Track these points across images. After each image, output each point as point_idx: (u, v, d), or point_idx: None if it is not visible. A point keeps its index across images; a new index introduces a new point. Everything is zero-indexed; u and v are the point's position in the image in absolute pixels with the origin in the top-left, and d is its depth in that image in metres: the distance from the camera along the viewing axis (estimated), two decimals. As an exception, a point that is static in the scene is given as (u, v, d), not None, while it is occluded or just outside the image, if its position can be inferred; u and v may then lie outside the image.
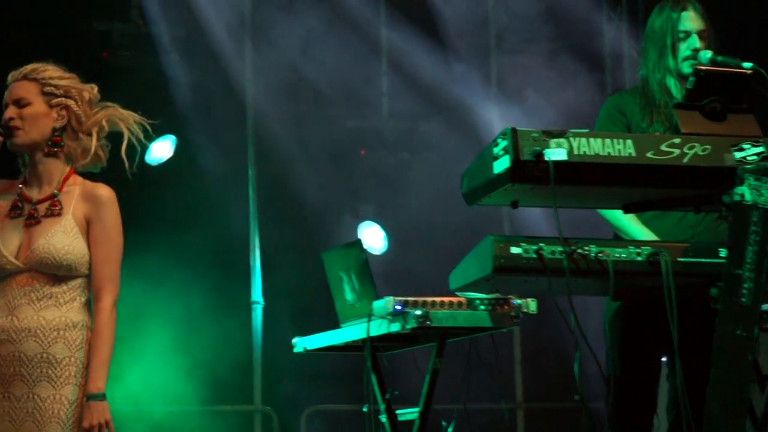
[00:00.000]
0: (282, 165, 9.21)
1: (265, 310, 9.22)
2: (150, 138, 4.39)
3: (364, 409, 5.39)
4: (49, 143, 4.15)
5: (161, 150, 9.14)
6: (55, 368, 3.99)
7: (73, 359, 4.01)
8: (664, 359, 5.13)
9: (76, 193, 4.14)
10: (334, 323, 5.59)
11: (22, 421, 3.98)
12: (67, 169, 4.20)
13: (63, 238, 4.06)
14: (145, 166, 9.01)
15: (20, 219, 4.14)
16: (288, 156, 9.22)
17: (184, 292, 8.51)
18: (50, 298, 4.04)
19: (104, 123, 4.24)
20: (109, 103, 4.33)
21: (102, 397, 3.98)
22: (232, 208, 9.17)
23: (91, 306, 4.11)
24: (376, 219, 9.69)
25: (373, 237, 9.61)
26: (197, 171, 9.07)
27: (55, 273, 4.05)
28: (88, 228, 4.11)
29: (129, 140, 4.28)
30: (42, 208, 4.13)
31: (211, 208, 9.01)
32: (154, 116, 8.83)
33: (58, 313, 4.02)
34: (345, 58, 9.32)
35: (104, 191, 4.16)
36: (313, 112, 9.32)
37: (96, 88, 4.32)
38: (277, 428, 9.07)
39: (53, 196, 4.14)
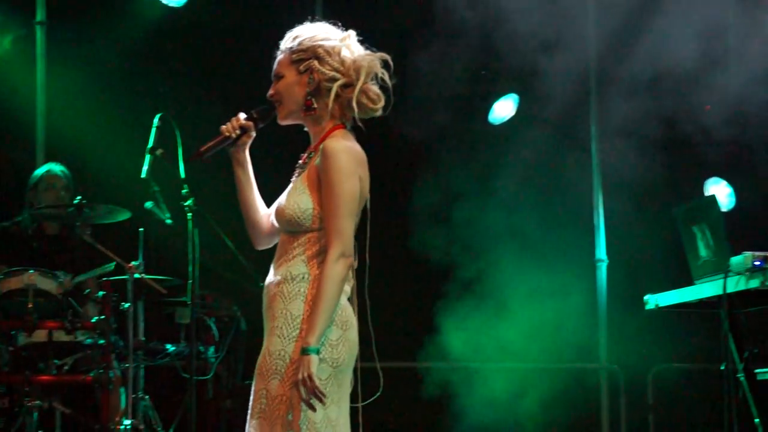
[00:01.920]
0: (625, 118, 9.05)
1: (609, 267, 9.17)
2: (393, 75, 4.16)
3: (722, 368, 5.28)
4: (304, 108, 4.18)
5: (504, 109, 9.22)
6: (273, 321, 4.04)
7: (284, 311, 4.02)
8: None
9: (320, 150, 4.12)
10: (680, 280, 5.49)
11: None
12: (329, 126, 4.18)
13: (291, 196, 4.11)
14: (488, 125, 9.18)
15: None
16: (630, 108, 9.05)
17: (528, 250, 8.56)
18: (286, 254, 4.09)
19: (351, 72, 4.14)
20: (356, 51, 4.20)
21: (308, 351, 3.90)
22: (575, 165, 9.13)
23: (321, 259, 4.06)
24: (723, 175, 9.42)
25: (719, 194, 9.34)
26: (539, 129, 9.07)
27: (288, 229, 4.10)
28: (319, 183, 4.09)
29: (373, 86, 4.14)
30: (298, 170, 4.22)
31: (554, 165, 9.01)
32: (496, 76, 8.97)
33: (285, 267, 4.07)
34: (690, 11, 9.04)
35: (330, 143, 4.08)
36: (654, 67, 9.09)
37: (350, 36, 4.21)
38: (623, 386, 9.01)
39: (308, 156, 4.19)
